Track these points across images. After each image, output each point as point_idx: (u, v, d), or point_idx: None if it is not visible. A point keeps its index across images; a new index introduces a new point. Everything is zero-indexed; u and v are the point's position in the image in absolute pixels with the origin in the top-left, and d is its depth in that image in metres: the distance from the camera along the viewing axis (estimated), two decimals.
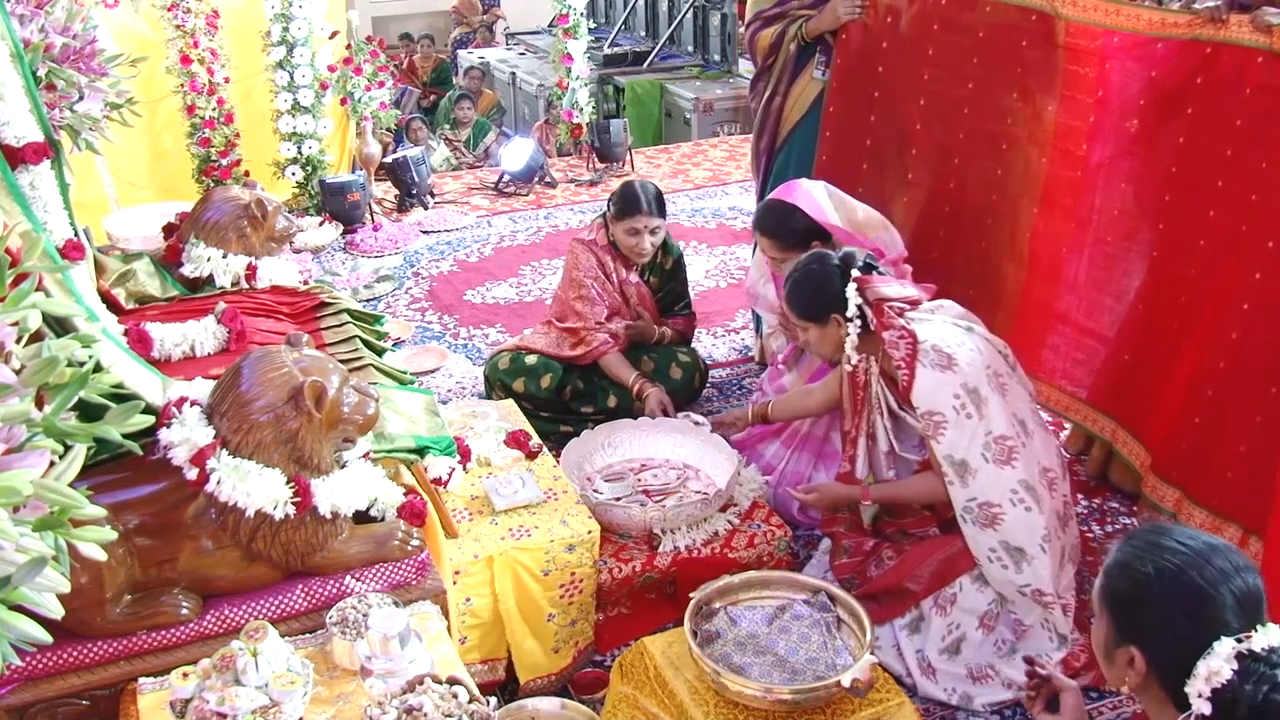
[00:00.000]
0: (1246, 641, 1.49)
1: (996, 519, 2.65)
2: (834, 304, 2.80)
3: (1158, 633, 1.57)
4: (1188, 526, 1.76)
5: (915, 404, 2.69)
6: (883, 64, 3.68)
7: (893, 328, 2.73)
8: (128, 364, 2.26)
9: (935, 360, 2.67)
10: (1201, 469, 2.91)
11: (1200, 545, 1.58)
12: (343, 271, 5.49)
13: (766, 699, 2.23)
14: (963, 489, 2.68)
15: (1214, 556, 1.56)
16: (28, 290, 1.37)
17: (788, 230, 3.36)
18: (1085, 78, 3.11)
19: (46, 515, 1.23)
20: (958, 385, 2.65)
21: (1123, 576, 1.62)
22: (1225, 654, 1.48)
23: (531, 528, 2.79)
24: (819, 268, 2.86)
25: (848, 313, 2.78)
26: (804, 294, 2.87)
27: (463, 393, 4.28)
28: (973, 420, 2.65)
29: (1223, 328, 2.81)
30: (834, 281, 2.80)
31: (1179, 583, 1.55)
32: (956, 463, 2.67)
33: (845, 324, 2.80)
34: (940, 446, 2.67)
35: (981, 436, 2.65)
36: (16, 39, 2.23)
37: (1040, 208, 3.31)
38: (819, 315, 2.84)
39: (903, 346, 2.70)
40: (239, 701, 1.82)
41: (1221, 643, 1.49)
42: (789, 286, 2.90)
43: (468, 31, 11.37)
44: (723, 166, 7.22)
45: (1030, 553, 2.65)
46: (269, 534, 2.09)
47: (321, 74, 5.95)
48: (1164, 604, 1.56)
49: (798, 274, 2.90)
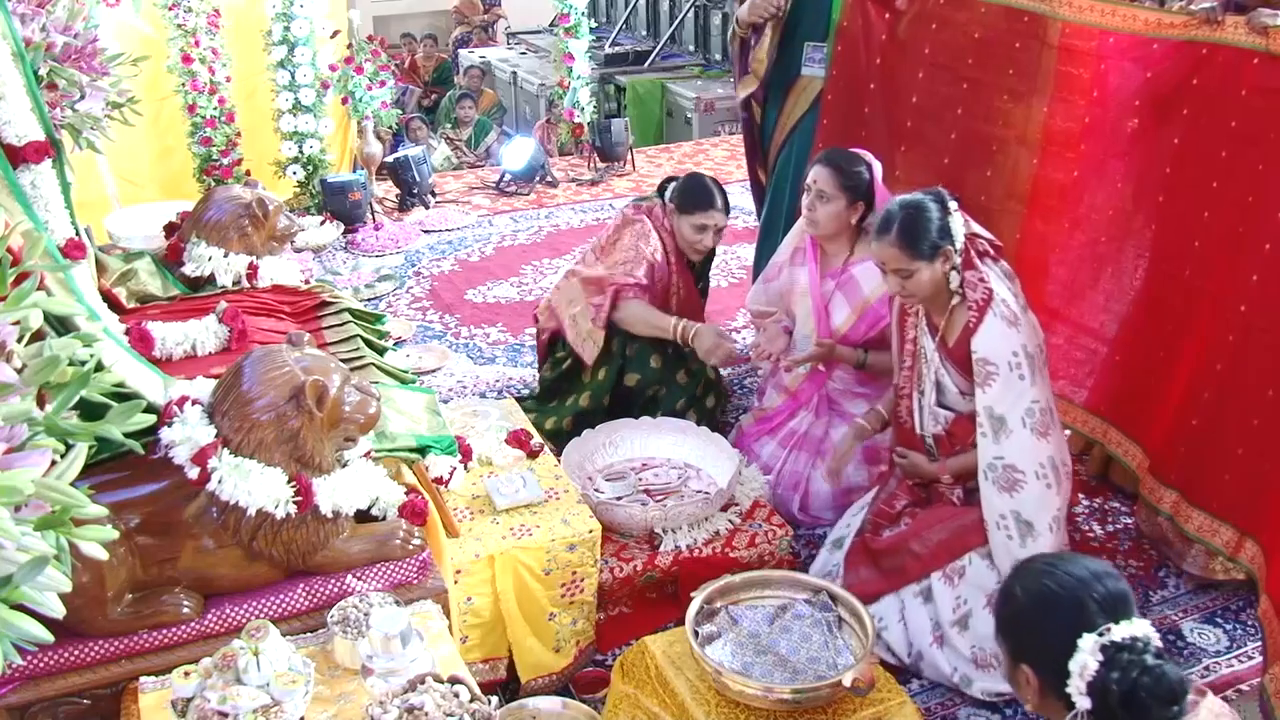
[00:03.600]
0: (1108, 634, 1.61)
1: (1017, 484, 2.67)
2: (944, 235, 2.72)
3: (1037, 646, 1.70)
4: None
5: (974, 349, 2.68)
6: (880, 57, 3.68)
7: (974, 268, 2.72)
8: (129, 363, 2.26)
9: (1004, 314, 2.67)
10: (1199, 471, 2.91)
11: (1061, 560, 1.75)
12: (344, 271, 5.49)
13: (768, 698, 2.23)
14: (993, 444, 2.69)
15: (1073, 567, 1.71)
16: (29, 289, 1.38)
17: (853, 171, 3.30)
18: (1080, 79, 3.11)
19: (48, 514, 1.23)
20: (1018, 344, 2.66)
21: (1003, 603, 1.80)
22: (1090, 648, 1.60)
23: (533, 527, 2.79)
24: (922, 201, 2.77)
25: (956, 244, 2.72)
26: (917, 227, 2.72)
27: (464, 392, 4.29)
28: (1024, 382, 2.65)
29: (1220, 330, 2.81)
30: (939, 213, 2.73)
31: (1044, 596, 1.70)
32: (995, 416, 2.68)
33: (952, 256, 2.73)
34: (984, 397, 2.68)
35: (1026, 400, 2.66)
36: (18, 38, 2.23)
37: (1029, 209, 3.31)
38: (933, 250, 2.72)
39: (980, 289, 2.69)
40: (240, 700, 1.82)
41: (1085, 639, 1.61)
42: (898, 227, 2.73)
43: (469, 31, 11.36)
44: (724, 166, 7.21)
45: (1038, 529, 2.66)
46: (270, 533, 2.09)
47: (323, 73, 5.95)
48: (1035, 618, 1.71)
49: (904, 211, 2.75)
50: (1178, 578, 3.23)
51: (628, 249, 3.63)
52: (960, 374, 2.81)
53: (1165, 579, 3.24)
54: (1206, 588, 3.18)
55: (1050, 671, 1.66)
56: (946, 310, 2.80)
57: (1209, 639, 3.01)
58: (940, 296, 2.79)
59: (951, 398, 2.86)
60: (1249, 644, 2.97)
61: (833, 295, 3.43)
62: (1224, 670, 2.90)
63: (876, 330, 3.38)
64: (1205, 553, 3.09)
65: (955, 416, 2.86)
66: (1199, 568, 3.16)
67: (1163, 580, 3.23)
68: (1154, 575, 3.25)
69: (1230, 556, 2.81)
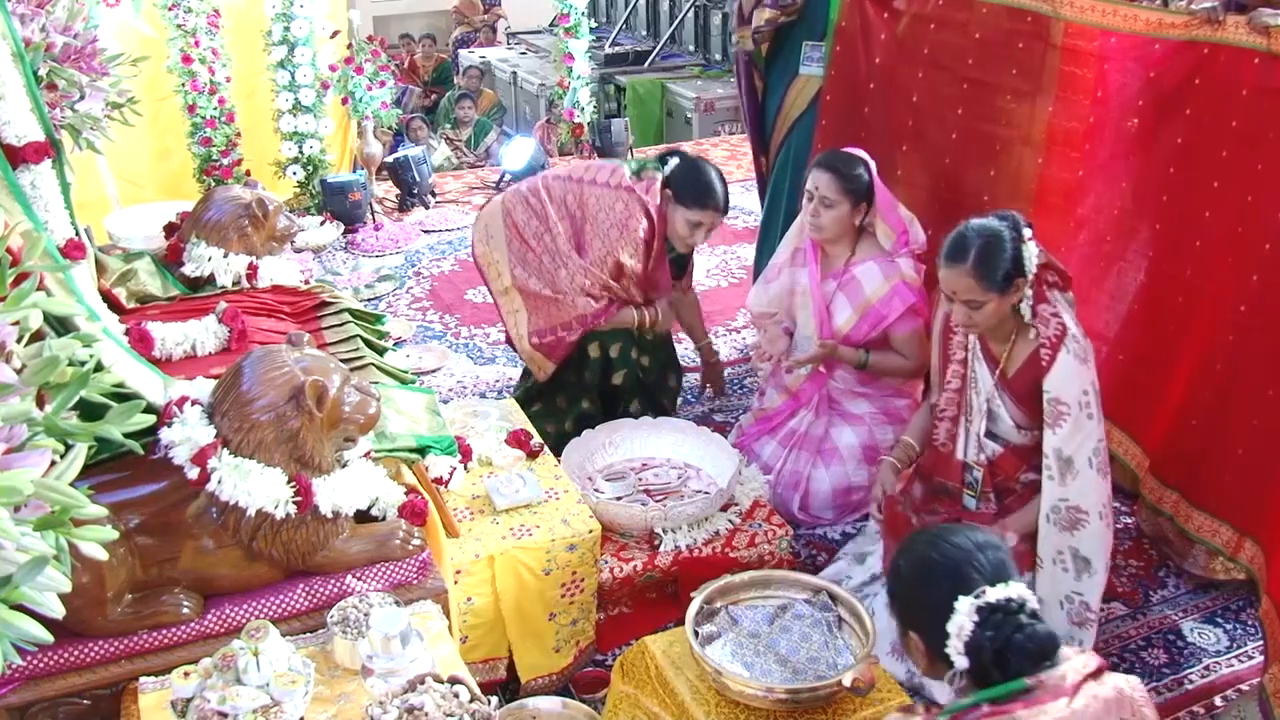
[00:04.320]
0: (983, 596, 1.69)
1: (1079, 524, 2.61)
2: (1017, 265, 2.60)
3: (920, 613, 1.79)
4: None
5: (1048, 388, 2.59)
6: (879, 56, 3.68)
7: (1046, 301, 2.62)
8: (129, 363, 2.26)
9: (1077, 351, 2.58)
10: (1199, 471, 2.91)
11: (944, 531, 1.83)
12: (344, 271, 5.49)
13: (768, 698, 2.23)
14: (1060, 487, 2.61)
15: (956, 538, 1.79)
16: (29, 289, 1.38)
17: (854, 175, 3.28)
18: (1083, 79, 3.11)
19: (47, 515, 1.23)
20: (1088, 382, 2.59)
21: (891, 577, 1.89)
22: (966, 610, 1.69)
23: (533, 527, 2.79)
24: (998, 228, 2.61)
25: (1029, 274, 2.61)
26: (993, 257, 2.58)
27: (464, 392, 4.29)
28: (1092, 421, 2.59)
29: (1220, 329, 2.81)
30: (1013, 241, 2.60)
31: (927, 566, 1.79)
32: (1064, 459, 2.60)
33: (1023, 288, 2.62)
34: (1054, 438, 2.60)
35: (1094, 440, 2.59)
36: (18, 38, 2.22)
37: (1034, 208, 3.31)
38: (1006, 282, 2.60)
39: (1053, 325, 2.59)
40: (240, 701, 1.82)
41: (961, 601, 1.69)
42: (975, 255, 2.59)
43: (469, 31, 11.36)
44: (724, 166, 7.17)
45: (1095, 566, 2.62)
46: (270, 533, 2.09)
47: (323, 73, 5.95)
48: (918, 587, 1.80)
49: (981, 239, 2.61)
50: (1178, 578, 3.23)
51: (634, 243, 3.39)
52: (1018, 407, 2.72)
53: (1165, 579, 3.23)
54: (1206, 588, 3.18)
55: (934, 636, 1.74)
56: (1008, 341, 2.71)
57: (1209, 639, 3.01)
58: (1003, 326, 2.69)
59: (1004, 429, 2.78)
60: (1249, 644, 2.97)
61: (834, 296, 3.43)
62: (1224, 670, 2.90)
63: (878, 330, 3.38)
64: (1206, 552, 3.09)
65: (1003, 450, 2.78)
66: (1200, 567, 3.16)
67: (1163, 580, 3.23)
68: (1154, 575, 3.25)
69: (1230, 556, 2.81)
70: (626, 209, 3.42)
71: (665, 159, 3.51)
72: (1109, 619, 3.06)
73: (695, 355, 4.05)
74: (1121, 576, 3.24)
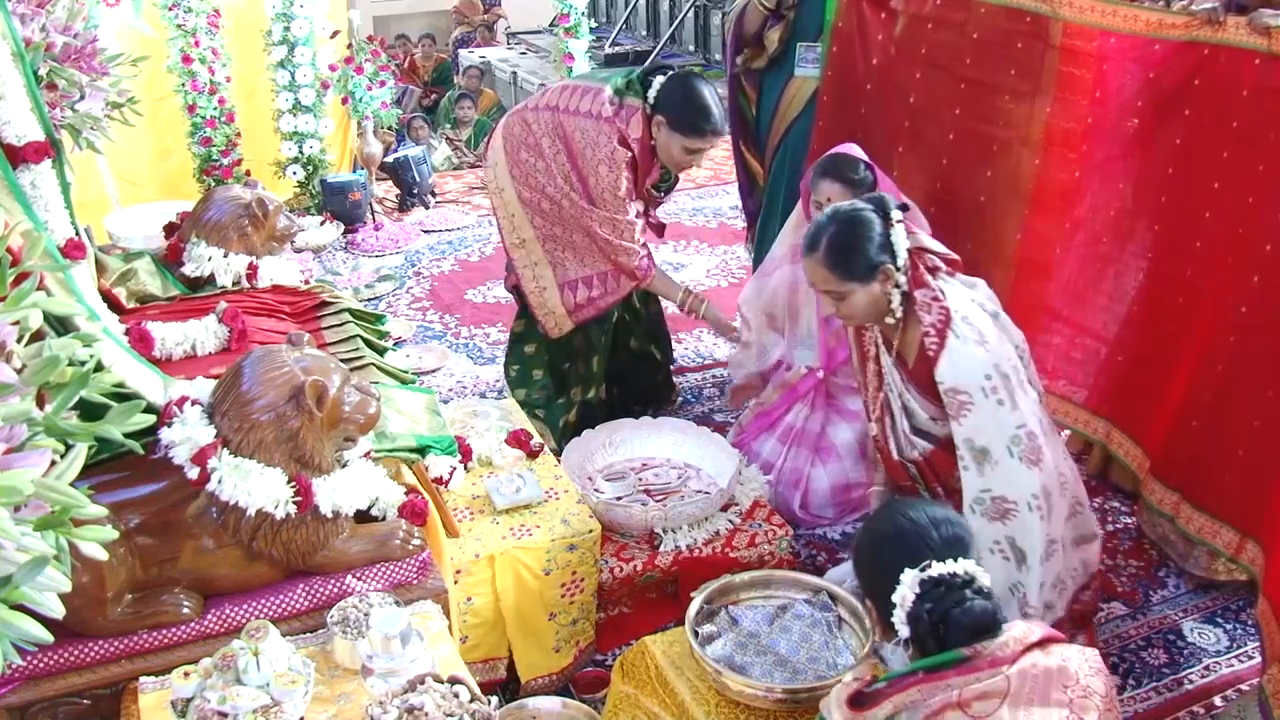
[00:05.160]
0: (928, 570, 1.75)
1: (1008, 514, 2.47)
2: (884, 252, 2.45)
3: (872, 579, 1.87)
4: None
5: (939, 379, 2.43)
6: (876, 57, 3.68)
7: (926, 286, 2.45)
8: (129, 363, 2.26)
9: (967, 333, 2.40)
10: (1200, 472, 2.90)
11: (904, 505, 1.90)
12: (344, 271, 5.49)
13: (768, 698, 2.23)
14: (978, 478, 2.46)
15: (913, 511, 1.85)
16: (29, 289, 1.38)
17: (860, 177, 3.25)
18: (1082, 79, 3.11)
19: (48, 514, 1.23)
20: (990, 365, 2.40)
21: (854, 546, 1.96)
22: (910, 581, 1.76)
23: (533, 527, 2.79)
24: (858, 213, 2.48)
25: (899, 261, 2.45)
26: (848, 246, 2.45)
27: (464, 392, 4.29)
28: (1004, 408, 2.40)
29: (1221, 330, 2.80)
30: (879, 227, 2.46)
31: (882, 537, 1.86)
32: (976, 448, 2.44)
33: (894, 275, 2.46)
34: (961, 429, 2.44)
35: (1011, 428, 2.42)
36: (18, 38, 2.22)
37: (1031, 209, 3.31)
38: (868, 271, 2.45)
39: (935, 310, 2.42)
40: (240, 701, 1.82)
41: (906, 573, 1.76)
42: (827, 244, 2.47)
43: (469, 31, 11.36)
44: (724, 166, 7.19)
45: (1030, 562, 2.50)
46: (270, 533, 2.09)
47: (323, 73, 5.95)
48: (873, 557, 1.87)
49: (834, 226, 2.47)
50: (1178, 578, 3.23)
51: (616, 183, 3.28)
52: (926, 398, 2.56)
53: (1165, 579, 3.24)
54: (1206, 588, 3.18)
55: (883, 605, 1.81)
56: (898, 327, 2.56)
57: (1209, 639, 3.01)
58: (886, 316, 2.54)
59: (923, 422, 2.62)
60: (1249, 644, 2.97)
61: None
62: (1224, 670, 2.90)
63: None
64: (1207, 553, 3.09)
65: (934, 446, 2.62)
66: (1201, 568, 3.16)
67: (1163, 580, 3.23)
68: (1154, 575, 3.25)
69: (1232, 558, 2.81)
70: (609, 142, 3.31)
71: (648, 79, 3.35)
72: (1109, 619, 3.07)
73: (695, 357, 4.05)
74: (1121, 576, 3.24)
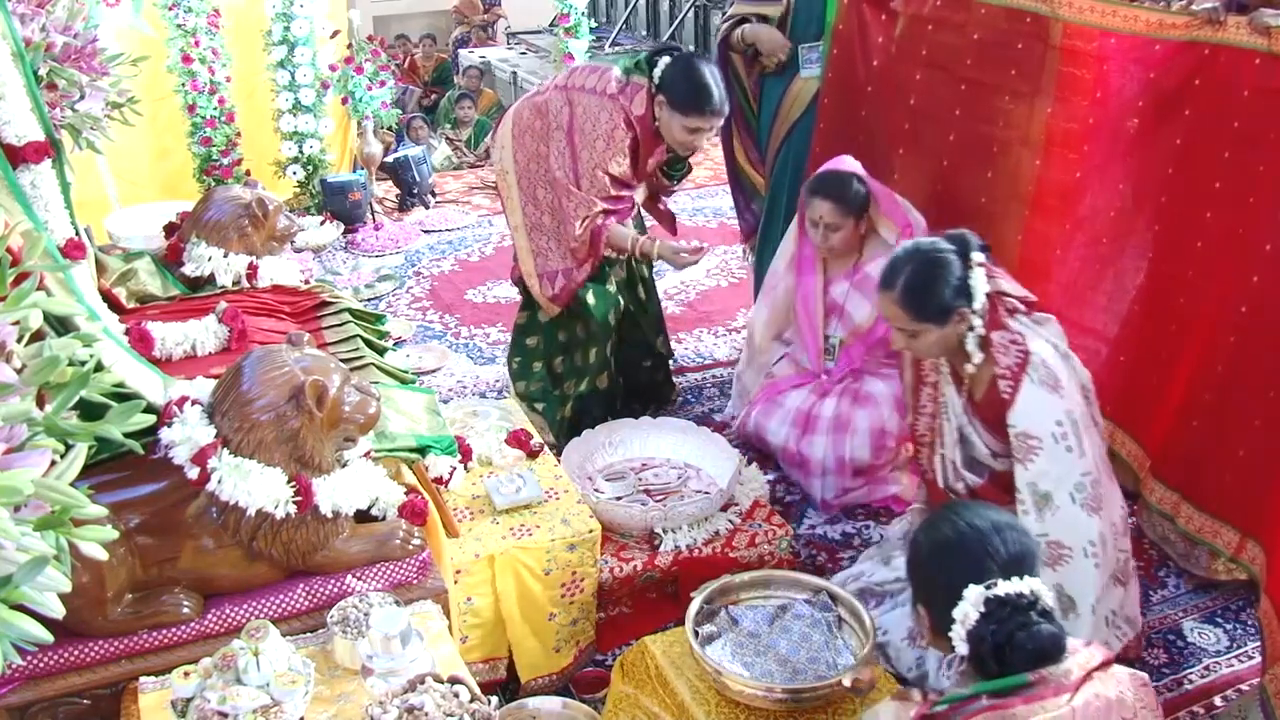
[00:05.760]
0: (994, 589, 1.69)
1: (1061, 560, 2.45)
2: (960, 296, 2.42)
3: (931, 589, 1.81)
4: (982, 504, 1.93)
5: (1012, 423, 2.42)
6: (877, 59, 3.68)
7: (1003, 328, 2.42)
8: (129, 363, 2.26)
9: (1044, 378, 2.39)
10: (1200, 472, 2.91)
11: (968, 512, 1.82)
12: (344, 271, 5.49)
13: (768, 698, 2.23)
14: (1037, 522, 2.43)
15: (977, 519, 1.78)
16: (29, 289, 1.37)
17: (852, 194, 3.33)
18: (1082, 80, 3.11)
19: (48, 514, 1.23)
20: (1062, 411, 2.39)
21: (909, 548, 1.90)
22: (974, 599, 1.69)
23: (533, 527, 2.79)
24: (936, 255, 2.44)
25: (975, 304, 2.42)
26: (924, 288, 2.42)
27: (464, 392, 4.29)
28: (1072, 454, 2.40)
29: (1221, 330, 2.81)
30: (957, 269, 2.42)
31: (942, 545, 1.79)
32: (1040, 493, 2.42)
33: (969, 318, 2.43)
34: (1026, 473, 2.42)
35: (1076, 474, 2.41)
36: (18, 38, 2.22)
37: (1031, 210, 3.31)
38: (942, 314, 2.43)
39: (1012, 353, 2.40)
40: (240, 701, 1.82)
41: (971, 589, 1.70)
42: (903, 284, 2.44)
43: (469, 31, 11.36)
44: (724, 165, 7.19)
45: (1080, 610, 2.47)
46: (270, 533, 2.09)
47: (323, 73, 5.95)
48: (933, 565, 1.81)
49: (911, 265, 2.44)
50: (1178, 578, 3.23)
51: (616, 158, 3.35)
52: (991, 434, 2.55)
53: (1165, 579, 3.23)
54: (1207, 587, 3.18)
55: (940, 615, 1.75)
56: (975, 364, 2.53)
57: (1209, 639, 3.01)
58: (963, 350, 2.50)
59: (981, 455, 2.62)
60: (1249, 644, 2.97)
61: (848, 295, 3.46)
62: (1224, 670, 2.90)
63: None
64: (1208, 553, 3.09)
65: (983, 481, 2.62)
66: (1202, 568, 3.16)
67: (1163, 580, 3.23)
68: (1154, 575, 3.25)
69: (1232, 557, 2.81)
70: (611, 119, 3.36)
71: (654, 59, 3.39)
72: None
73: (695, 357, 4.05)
74: None
